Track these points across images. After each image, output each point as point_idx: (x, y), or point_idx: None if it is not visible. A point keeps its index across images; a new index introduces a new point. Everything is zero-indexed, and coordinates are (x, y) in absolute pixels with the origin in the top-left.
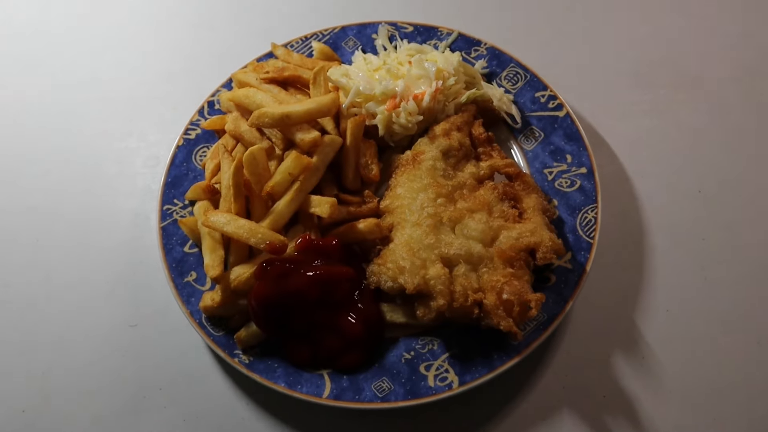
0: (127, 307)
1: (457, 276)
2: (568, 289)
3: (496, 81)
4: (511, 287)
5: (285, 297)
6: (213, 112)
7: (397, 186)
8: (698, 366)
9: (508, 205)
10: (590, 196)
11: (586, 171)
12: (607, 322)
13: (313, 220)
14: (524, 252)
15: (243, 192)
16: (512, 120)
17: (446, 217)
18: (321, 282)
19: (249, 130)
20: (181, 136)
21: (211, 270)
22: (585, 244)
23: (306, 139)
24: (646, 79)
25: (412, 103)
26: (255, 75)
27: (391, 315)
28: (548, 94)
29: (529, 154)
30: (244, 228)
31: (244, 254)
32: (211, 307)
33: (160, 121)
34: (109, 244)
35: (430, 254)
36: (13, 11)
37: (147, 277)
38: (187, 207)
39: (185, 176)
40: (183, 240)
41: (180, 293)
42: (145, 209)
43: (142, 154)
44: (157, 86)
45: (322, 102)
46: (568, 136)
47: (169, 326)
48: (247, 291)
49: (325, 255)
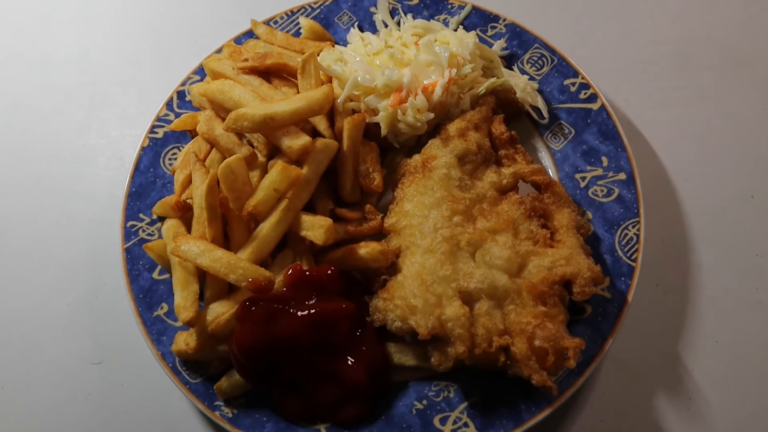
0: (89, 340)
1: (479, 315)
2: (606, 324)
3: (517, 65)
4: (544, 331)
5: (272, 343)
6: (184, 104)
7: (405, 200)
8: (753, 407)
9: (536, 224)
10: (631, 208)
11: (626, 177)
12: (647, 356)
13: (304, 243)
14: (558, 285)
15: (219, 214)
16: (538, 114)
17: (465, 240)
18: (315, 323)
19: (225, 133)
20: (147, 135)
21: (183, 312)
22: (626, 268)
23: (294, 146)
24: (688, 60)
25: (421, 97)
26: (231, 63)
27: (399, 357)
28: (579, 81)
29: (558, 155)
30: (221, 261)
31: (223, 288)
32: (185, 352)
33: (124, 113)
34: (66, 262)
35: (446, 288)
36: None
37: (112, 302)
38: (155, 222)
39: (152, 185)
40: (152, 264)
41: (149, 330)
42: (107, 219)
43: (104, 153)
44: (119, 69)
45: (313, 98)
46: (603, 134)
47: (140, 364)
48: (227, 335)
49: (320, 288)
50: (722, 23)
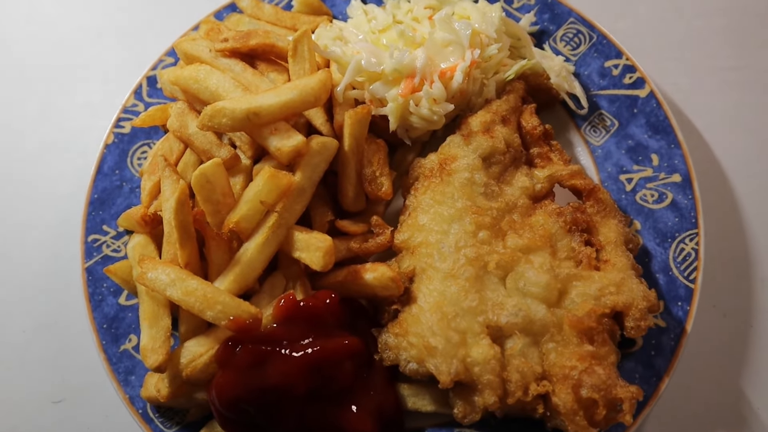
0: (48, 375)
1: (512, 356)
2: (661, 359)
3: (549, 43)
4: (592, 378)
5: (261, 392)
6: (155, 92)
7: (419, 210)
8: None
9: (579, 240)
10: (687, 217)
11: (681, 180)
12: (704, 393)
13: (298, 265)
14: (608, 318)
15: (193, 234)
16: (576, 103)
17: (493, 262)
18: (313, 367)
19: (201, 132)
20: (111, 130)
21: (151, 355)
22: (683, 290)
23: (285, 147)
24: (746, 35)
25: (438, 85)
26: (208, 44)
27: (413, 401)
28: (624, 63)
29: (598, 152)
30: (195, 294)
31: (200, 322)
32: (156, 399)
33: (87, 100)
34: (21, 282)
35: (471, 323)
36: None
37: (75, 330)
38: (123, 236)
39: (118, 190)
40: (118, 287)
41: (114, 369)
42: (69, 229)
43: (65, 150)
44: (81, 50)
45: (307, 88)
46: (652, 127)
47: (108, 403)
48: (206, 380)
49: (318, 321)
50: None
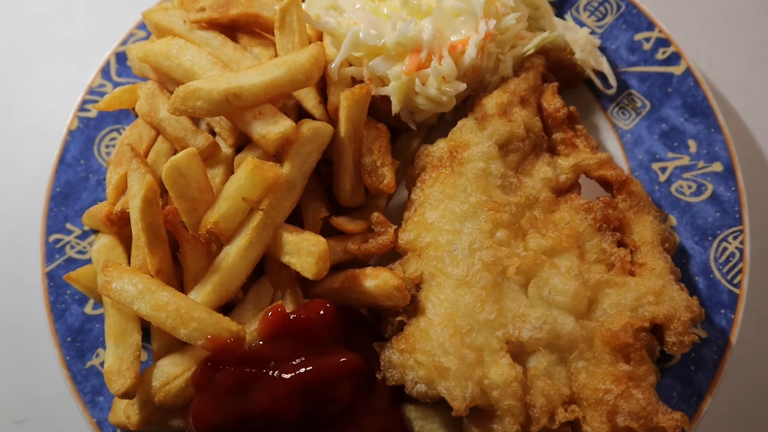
0: (9, 391)
1: (536, 377)
2: (703, 375)
3: (571, 14)
4: (630, 404)
5: (246, 420)
6: (125, 70)
7: (427, 206)
8: None
9: (610, 240)
10: (730, 212)
11: (722, 169)
12: (748, 408)
13: (288, 270)
14: (646, 332)
15: (164, 236)
16: (603, 81)
17: (513, 267)
18: (305, 390)
19: (174, 117)
20: (75, 114)
21: (117, 379)
22: (726, 295)
23: (270, 135)
24: None
25: (448, 60)
26: (182, 14)
27: (421, 425)
28: (656, 36)
29: (628, 136)
30: (167, 309)
31: (175, 339)
32: (125, 426)
33: (51, 80)
34: None
35: (489, 339)
36: None
37: (39, 340)
38: (89, 235)
39: (83, 182)
40: (83, 295)
41: (80, 389)
42: (31, 226)
43: (27, 134)
44: (45, 24)
45: (296, 64)
46: (689, 109)
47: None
48: (182, 406)
49: (311, 336)
50: None
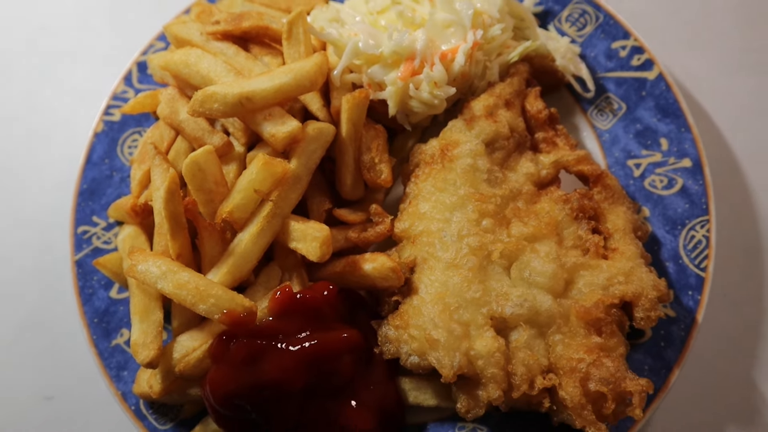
0: (39, 371)
1: (517, 348)
2: (671, 350)
3: (554, 24)
4: (601, 371)
5: (257, 388)
6: (146, 78)
7: (420, 198)
8: None
9: (586, 228)
10: (698, 203)
11: (691, 165)
12: (715, 384)
13: (295, 256)
14: (617, 308)
15: (184, 224)
16: (582, 86)
17: (497, 251)
18: (311, 361)
19: (192, 118)
20: (101, 118)
21: (142, 350)
22: (694, 279)
23: (279, 133)
24: (758, 17)
25: (439, 67)
26: (199, 27)
27: (415, 395)
28: (631, 44)
29: (605, 136)
30: (187, 287)
31: (193, 316)
32: (148, 395)
33: (75, 88)
34: (9, 277)
35: (475, 315)
36: None
37: (66, 324)
38: (113, 227)
39: (108, 179)
40: (109, 279)
41: (106, 364)
42: (58, 222)
43: (53, 140)
44: (68, 35)
45: (302, 71)
46: (662, 110)
47: (99, 398)
48: (200, 375)
49: (316, 314)
50: None
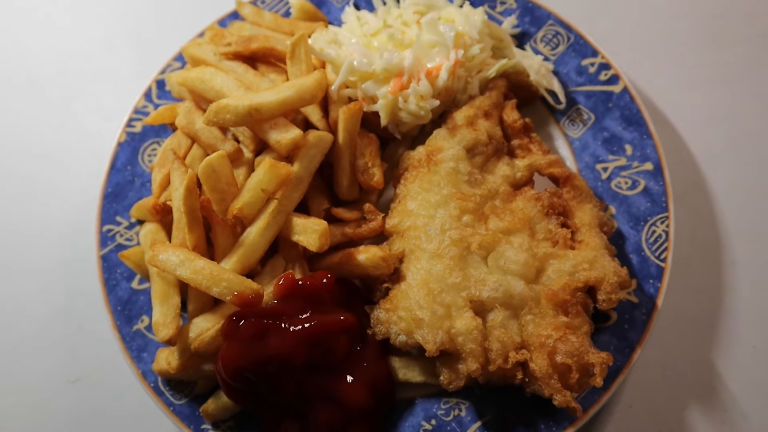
0: (65, 356)
1: (493, 327)
2: (633, 332)
3: (530, 44)
4: (566, 346)
5: (263, 362)
6: (164, 94)
7: (408, 197)
8: None
9: (555, 223)
10: (658, 202)
11: (653, 168)
12: (677, 365)
13: (297, 248)
14: (581, 292)
15: (200, 219)
16: (554, 99)
17: (476, 243)
18: (311, 340)
19: (207, 127)
20: (123, 130)
21: (163, 329)
22: (654, 268)
23: (283, 140)
24: (716, 35)
25: (425, 82)
26: (213, 48)
27: (404, 372)
28: (599, 61)
29: (576, 143)
30: (203, 273)
31: (207, 300)
32: (167, 371)
33: (99, 105)
34: (39, 271)
35: (456, 298)
36: None
37: (90, 314)
38: (134, 226)
39: (130, 184)
40: (130, 273)
41: (128, 347)
42: (83, 223)
43: (79, 150)
44: (94, 58)
45: (304, 86)
46: (626, 119)
47: (121, 381)
48: (212, 353)
49: (315, 299)
50: None
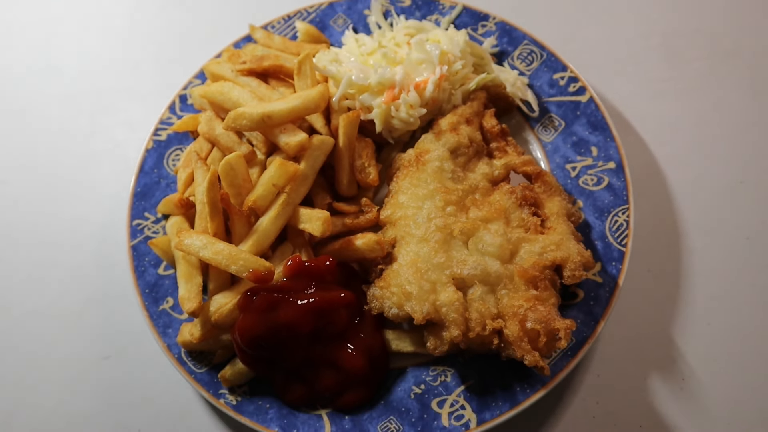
0: (98, 336)
1: (473, 300)
2: (598, 307)
3: (507, 62)
4: (535, 314)
5: (274, 331)
6: (186, 108)
7: (399, 192)
8: (746, 387)
9: (528, 212)
10: (620, 195)
11: (615, 166)
12: (641, 339)
13: (303, 236)
14: (549, 269)
15: (220, 209)
16: (528, 108)
17: (458, 229)
18: (315, 312)
19: (225, 132)
20: (150, 138)
21: (187, 303)
22: (616, 253)
23: (291, 142)
24: (676, 52)
25: (414, 94)
26: (230, 66)
27: (396, 343)
28: (568, 75)
29: (549, 146)
30: (222, 253)
31: (226, 280)
32: (190, 342)
33: (128, 118)
34: (74, 263)
35: (440, 275)
36: None
37: (119, 300)
38: (160, 221)
39: (156, 185)
40: (157, 260)
41: (155, 324)
42: (113, 221)
43: (109, 157)
44: (122, 77)
45: (309, 97)
46: (592, 125)
47: (147, 357)
48: (230, 324)
49: (319, 278)
50: (709, 14)
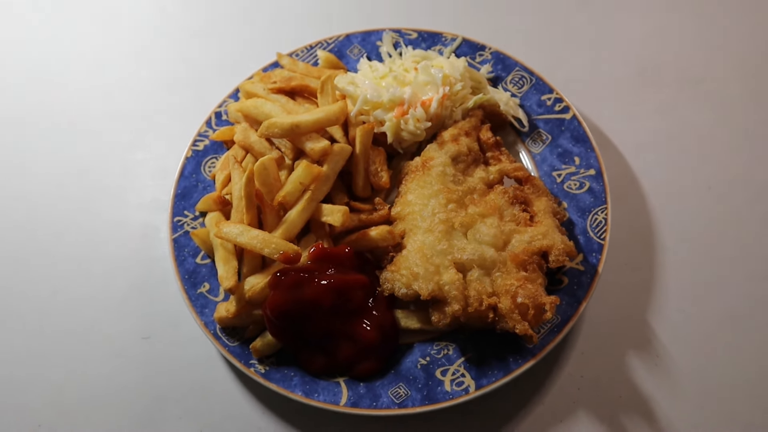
0: (139, 320)
1: (471, 281)
2: (581, 291)
3: (501, 85)
4: (525, 290)
5: (300, 306)
6: (220, 123)
7: (408, 192)
8: (713, 364)
9: (518, 209)
10: (600, 197)
11: (595, 173)
12: (620, 323)
13: (324, 228)
14: (537, 255)
15: (255, 203)
16: (519, 124)
17: (458, 222)
18: (335, 290)
19: (258, 140)
20: (190, 147)
21: (226, 281)
22: (596, 245)
23: (316, 148)
24: (651, 79)
25: (420, 110)
26: (262, 85)
27: (405, 321)
28: (554, 96)
29: (537, 157)
30: (257, 238)
31: (258, 264)
32: (225, 317)
33: (167, 133)
34: (119, 257)
35: (443, 260)
36: (16, 22)
37: (158, 289)
38: (197, 218)
39: (195, 188)
40: (194, 251)
41: (194, 305)
42: (154, 221)
43: (150, 167)
44: (163, 98)
45: (331, 111)
46: (575, 138)
47: (182, 338)
48: (261, 301)
49: (338, 263)
50: (678, 47)
